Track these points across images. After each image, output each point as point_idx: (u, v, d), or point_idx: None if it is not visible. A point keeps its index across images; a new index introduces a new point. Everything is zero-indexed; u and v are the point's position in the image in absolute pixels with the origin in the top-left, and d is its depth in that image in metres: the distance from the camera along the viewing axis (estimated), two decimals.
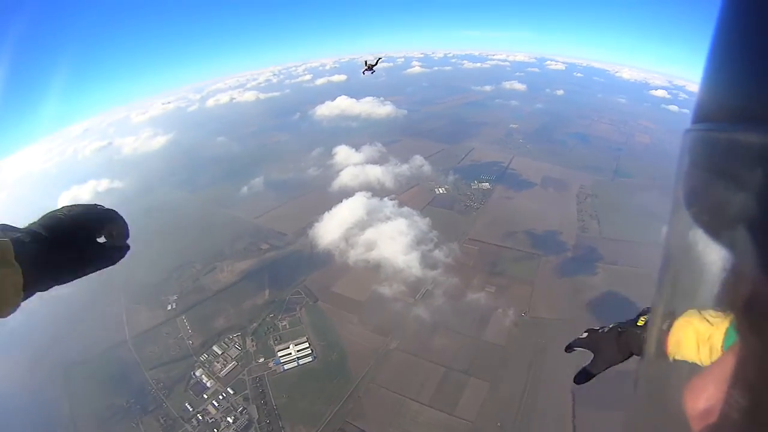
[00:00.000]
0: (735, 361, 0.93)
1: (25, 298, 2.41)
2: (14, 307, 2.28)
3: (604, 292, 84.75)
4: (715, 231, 0.88)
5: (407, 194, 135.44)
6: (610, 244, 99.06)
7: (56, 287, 2.73)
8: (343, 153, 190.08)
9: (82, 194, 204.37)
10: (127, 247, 3.21)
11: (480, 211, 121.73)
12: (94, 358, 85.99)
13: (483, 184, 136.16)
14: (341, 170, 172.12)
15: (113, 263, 3.17)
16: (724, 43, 0.91)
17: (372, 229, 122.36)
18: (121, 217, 3.11)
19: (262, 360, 79.03)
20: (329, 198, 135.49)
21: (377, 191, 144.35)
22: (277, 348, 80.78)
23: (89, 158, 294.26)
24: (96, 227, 2.91)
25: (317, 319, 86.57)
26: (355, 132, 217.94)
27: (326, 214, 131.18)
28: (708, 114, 0.94)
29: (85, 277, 2.98)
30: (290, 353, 78.90)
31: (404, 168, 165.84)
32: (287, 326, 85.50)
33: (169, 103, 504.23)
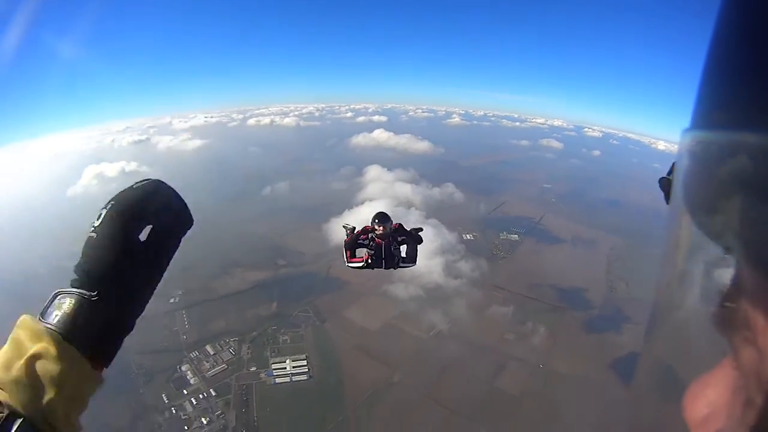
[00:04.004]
0: (736, 365, 0.95)
1: (107, 365, 2.20)
2: (96, 387, 2.14)
3: (628, 353, 78.94)
4: (714, 232, 0.90)
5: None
6: (638, 306, 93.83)
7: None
8: (374, 171, 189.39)
9: (108, 171, 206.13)
10: (182, 224, 2.51)
11: (507, 260, 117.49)
12: None
13: (512, 235, 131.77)
14: (369, 185, 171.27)
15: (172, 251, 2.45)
16: (723, 44, 0.91)
17: None
18: (159, 191, 2.31)
19: (254, 369, 75.34)
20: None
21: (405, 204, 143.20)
22: (272, 360, 77.04)
23: (125, 148, 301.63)
24: (134, 230, 2.22)
25: (321, 339, 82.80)
26: (389, 161, 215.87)
27: (346, 211, 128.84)
28: (706, 115, 0.95)
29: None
30: (285, 368, 74.92)
31: (435, 191, 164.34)
32: (288, 341, 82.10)
33: (211, 117, 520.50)
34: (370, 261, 11.08)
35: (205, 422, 65.53)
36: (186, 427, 64.95)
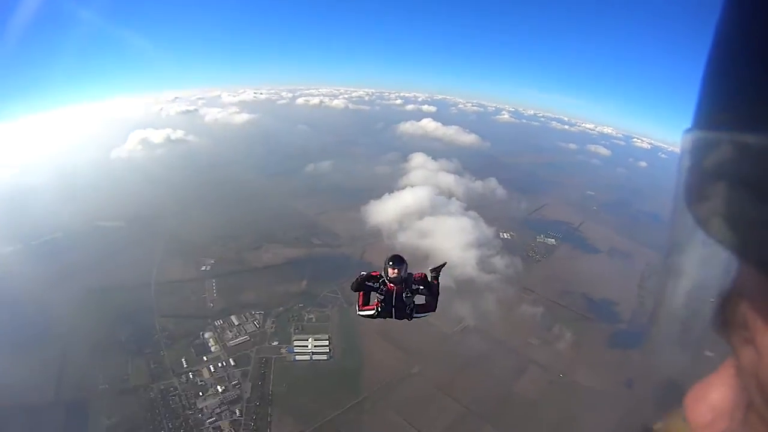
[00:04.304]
0: (737, 367, 0.93)
1: None
2: None
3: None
4: (716, 233, 0.89)
5: None
6: None
7: None
8: (419, 159, 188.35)
9: (154, 137, 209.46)
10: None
11: (541, 264, 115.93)
12: (113, 290, 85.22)
13: (549, 239, 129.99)
14: (412, 171, 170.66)
15: None
16: (725, 44, 0.91)
17: (431, 219, 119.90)
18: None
19: (275, 343, 76.00)
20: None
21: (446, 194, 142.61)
22: (295, 337, 77.59)
23: (172, 117, 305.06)
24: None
25: (346, 322, 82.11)
26: (435, 150, 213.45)
27: (386, 195, 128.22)
28: (708, 115, 0.95)
29: None
30: (307, 346, 75.41)
31: (478, 184, 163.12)
32: (313, 320, 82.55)
33: (261, 93, 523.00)
34: (379, 309, 10.40)
35: (220, 390, 66.33)
36: (201, 393, 65.80)
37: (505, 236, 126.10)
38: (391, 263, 9.79)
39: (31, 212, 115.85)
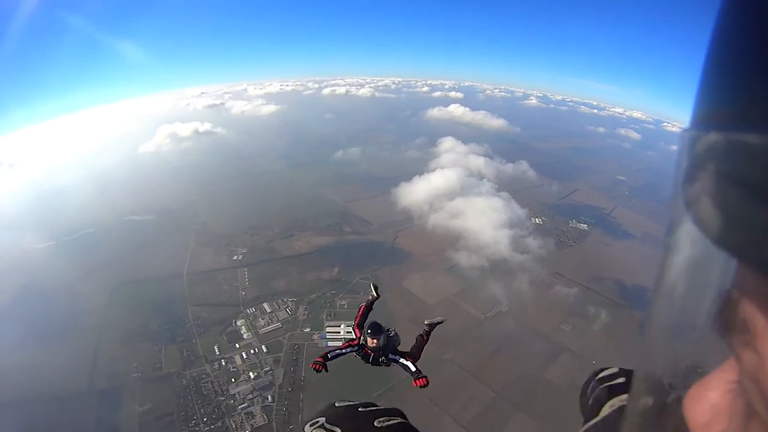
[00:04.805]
0: (736, 368, 0.95)
1: None
2: None
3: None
4: (714, 233, 0.88)
5: None
6: None
7: None
8: (448, 143, 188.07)
9: (181, 131, 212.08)
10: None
11: (573, 249, 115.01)
12: (146, 282, 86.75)
13: (581, 225, 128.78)
14: (442, 155, 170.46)
15: None
16: (723, 43, 0.90)
17: (462, 199, 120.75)
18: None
19: (307, 330, 76.54)
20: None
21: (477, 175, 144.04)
22: (327, 323, 78.12)
23: (199, 111, 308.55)
24: None
25: (379, 308, 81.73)
26: (463, 134, 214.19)
27: (416, 177, 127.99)
28: (706, 115, 0.94)
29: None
30: (339, 332, 75.41)
31: (508, 167, 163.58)
32: (345, 306, 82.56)
33: (287, 85, 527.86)
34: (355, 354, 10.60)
35: (252, 376, 66.92)
36: (233, 379, 66.48)
37: (537, 221, 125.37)
38: (369, 332, 9.97)
39: (63, 210, 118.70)
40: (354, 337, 10.60)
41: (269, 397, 63.75)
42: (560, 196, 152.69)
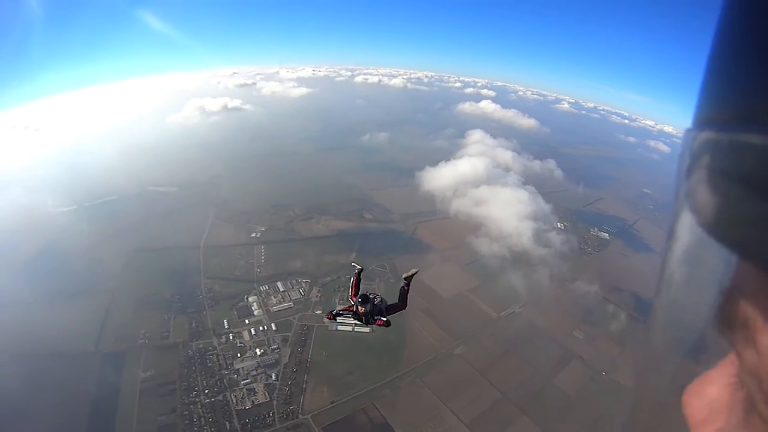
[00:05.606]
0: (736, 364, 0.95)
1: None
2: None
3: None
4: (716, 231, 0.90)
5: None
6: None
7: None
8: (477, 135, 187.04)
9: (210, 105, 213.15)
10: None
11: (593, 257, 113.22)
12: (162, 251, 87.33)
13: (603, 233, 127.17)
14: (470, 146, 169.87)
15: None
16: (726, 43, 0.91)
17: (487, 187, 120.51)
18: None
19: (319, 312, 75.75)
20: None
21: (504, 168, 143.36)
22: (338, 306, 76.50)
23: (230, 89, 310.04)
24: None
25: (393, 296, 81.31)
26: (493, 129, 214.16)
27: (442, 162, 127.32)
28: (709, 115, 0.95)
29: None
30: (349, 316, 74.17)
31: (536, 164, 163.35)
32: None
33: (320, 71, 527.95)
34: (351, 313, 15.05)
35: (258, 353, 66.94)
36: (239, 354, 66.53)
37: (560, 226, 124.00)
38: (360, 301, 14.61)
39: (87, 176, 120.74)
40: (351, 303, 14.98)
41: (273, 375, 63.54)
42: (585, 203, 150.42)
